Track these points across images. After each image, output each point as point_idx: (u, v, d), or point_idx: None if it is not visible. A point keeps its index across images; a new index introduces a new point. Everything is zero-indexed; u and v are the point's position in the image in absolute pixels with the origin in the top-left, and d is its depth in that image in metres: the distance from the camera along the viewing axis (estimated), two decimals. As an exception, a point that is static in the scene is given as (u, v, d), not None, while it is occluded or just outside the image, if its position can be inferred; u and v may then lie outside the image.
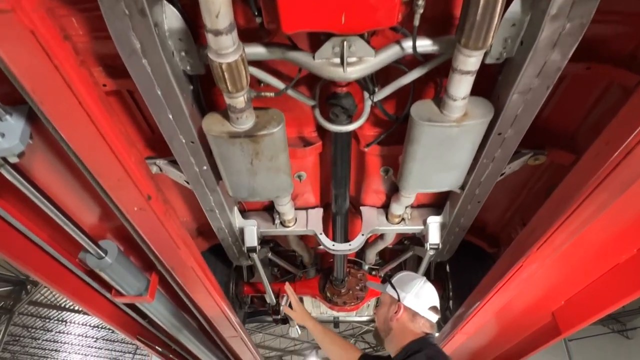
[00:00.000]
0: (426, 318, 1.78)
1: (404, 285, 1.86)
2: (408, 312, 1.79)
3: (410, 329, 1.77)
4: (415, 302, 1.79)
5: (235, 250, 2.46)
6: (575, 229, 1.28)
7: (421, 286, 1.84)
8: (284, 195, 1.81)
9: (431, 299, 1.82)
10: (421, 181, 1.74)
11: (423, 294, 1.82)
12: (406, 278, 1.91)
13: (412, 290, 1.82)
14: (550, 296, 2.23)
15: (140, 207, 1.10)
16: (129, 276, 1.61)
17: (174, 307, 2.10)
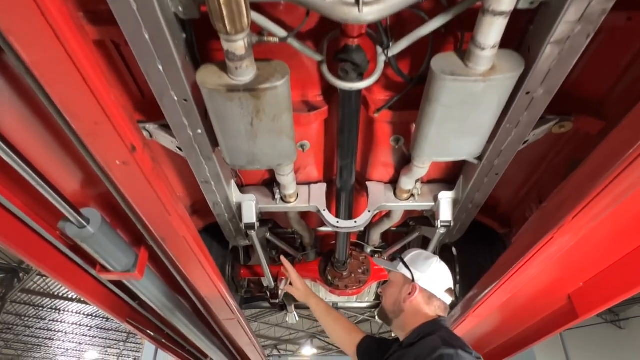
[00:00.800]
0: (442, 300, 1.67)
1: (419, 264, 1.74)
2: (424, 293, 1.67)
3: (423, 312, 1.66)
4: (432, 283, 1.68)
5: (232, 228, 2.30)
6: (618, 194, 1.13)
7: (437, 266, 1.72)
8: (286, 163, 1.65)
9: (447, 280, 1.72)
10: (437, 148, 1.58)
11: (439, 275, 1.70)
12: (420, 257, 1.78)
13: (428, 270, 1.70)
14: (567, 277, 2.10)
15: (123, 160, 0.93)
16: (114, 249, 1.45)
17: (166, 287, 1.94)
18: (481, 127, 1.51)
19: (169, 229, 1.25)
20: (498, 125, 1.55)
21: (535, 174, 2.15)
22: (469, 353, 1.39)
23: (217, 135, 1.53)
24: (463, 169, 2.04)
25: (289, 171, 1.76)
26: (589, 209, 1.17)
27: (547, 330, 2.37)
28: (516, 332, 2.60)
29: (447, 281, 1.71)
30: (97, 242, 1.38)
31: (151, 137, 1.74)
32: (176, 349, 3.08)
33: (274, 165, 1.65)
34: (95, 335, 22.28)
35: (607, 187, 1.10)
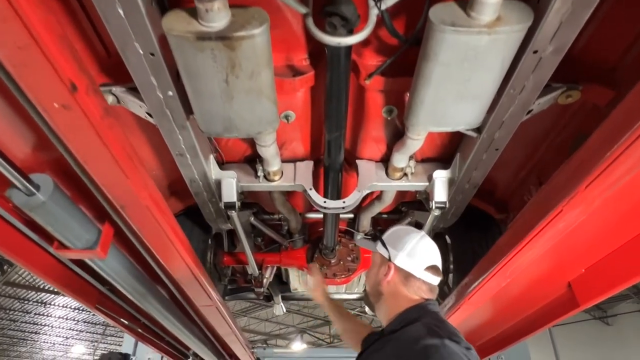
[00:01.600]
0: (422, 280, 1.51)
1: (397, 241, 1.58)
2: (400, 273, 1.53)
3: (403, 294, 1.51)
4: (409, 261, 1.52)
5: (212, 209, 2.14)
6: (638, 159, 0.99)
7: (417, 242, 1.56)
8: (267, 131, 1.50)
9: (429, 257, 1.54)
10: (434, 115, 1.44)
11: (418, 252, 1.54)
12: (399, 233, 1.62)
13: (405, 247, 1.54)
14: (568, 263, 1.97)
15: (62, 102, 0.77)
16: (72, 222, 1.29)
17: (137, 270, 1.78)
18: (483, 90, 1.36)
19: (127, 195, 1.09)
20: (501, 90, 1.40)
21: (537, 153, 2.02)
22: (457, 342, 1.26)
23: (190, 96, 1.37)
24: (460, 146, 1.90)
25: (270, 141, 1.60)
26: (606, 175, 1.03)
27: (545, 320, 2.25)
28: (513, 322, 2.48)
29: (429, 258, 1.54)
30: (49, 212, 1.21)
31: (118, 102, 1.57)
32: (155, 340, 2.92)
33: (253, 133, 1.49)
34: (82, 329, 22.00)
35: (628, 148, 0.96)
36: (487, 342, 2.78)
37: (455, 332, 1.35)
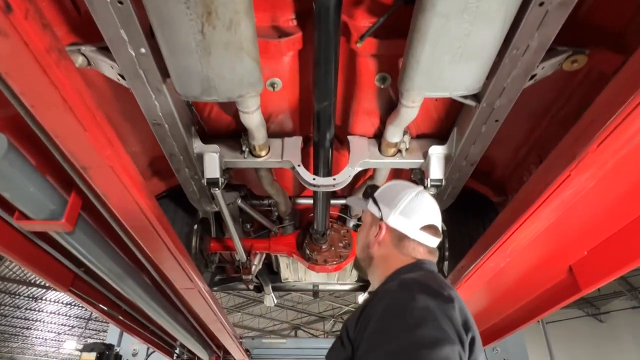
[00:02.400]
0: (418, 242, 1.32)
1: (390, 199, 1.39)
2: (392, 234, 1.35)
3: (396, 257, 1.33)
4: (403, 220, 1.34)
5: (195, 187, 2.02)
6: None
7: (412, 199, 1.36)
8: (250, 94, 1.38)
9: (426, 216, 1.35)
10: (430, 77, 1.32)
11: (414, 210, 1.34)
12: (394, 189, 1.43)
13: (399, 205, 1.35)
14: (570, 245, 1.87)
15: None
16: (31, 188, 1.16)
17: (112, 249, 1.66)
18: (484, 48, 1.25)
19: (87, 152, 0.97)
20: (503, 50, 1.29)
21: (538, 128, 1.91)
22: (434, 295, 1.05)
23: (164, 53, 1.25)
24: (457, 119, 1.80)
25: (253, 107, 1.48)
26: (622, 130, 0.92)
27: (544, 307, 2.15)
28: (510, 310, 2.38)
29: (425, 217, 1.34)
30: (4, 175, 1.09)
31: (88, 63, 1.45)
32: (138, 329, 2.80)
33: (234, 96, 1.37)
34: (74, 324, 21.81)
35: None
36: (486, 330, 2.69)
37: (441, 289, 1.11)
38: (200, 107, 1.78)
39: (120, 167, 1.08)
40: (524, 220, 1.35)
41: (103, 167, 1.03)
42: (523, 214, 1.33)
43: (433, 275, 1.24)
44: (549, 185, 1.17)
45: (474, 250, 1.83)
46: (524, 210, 1.32)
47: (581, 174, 1.09)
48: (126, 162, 1.11)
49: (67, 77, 0.82)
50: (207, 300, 2.06)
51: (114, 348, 3.89)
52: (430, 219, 1.35)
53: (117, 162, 1.05)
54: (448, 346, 0.95)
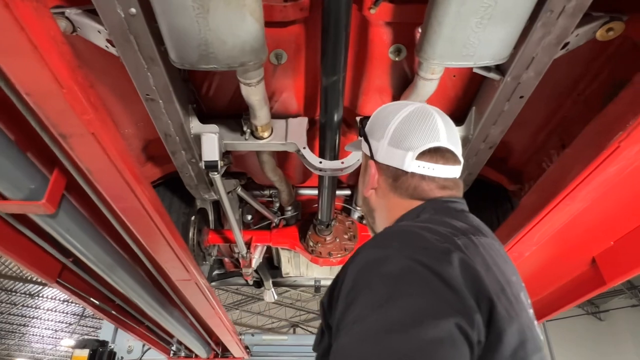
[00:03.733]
0: (419, 175, 0.95)
1: (378, 128, 1.04)
2: (386, 173, 1.01)
3: (396, 202, 0.98)
4: (392, 152, 0.98)
5: (192, 172, 1.88)
6: None
7: (402, 120, 0.99)
8: (252, 63, 1.24)
9: (424, 137, 0.96)
10: (454, 43, 1.19)
11: (405, 133, 0.98)
12: (382, 114, 1.08)
13: (386, 133, 1.00)
14: (595, 234, 1.74)
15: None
16: (6, 163, 1.03)
17: (101, 236, 1.53)
18: (517, 8, 1.11)
19: (65, 116, 0.83)
20: (535, 13, 1.16)
21: (562, 108, 1.78)
22: (424, 249, 0.74)
23: (156, 11, 1.11)
24: (476, 97, 1.66)
25: (256, 77, 1.34)
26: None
27: (564, 301, 2.02)
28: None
29: (422, 139, 0.96)
30: (-27, 146, 0.96)
31: (74, 30, 1.31)
32: (132, 324, 2.67)
33: (236, 64, 1.23)
34: (71, 322, 21.66)
35: None
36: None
37: (435, 232, 0.79)
38: (198, 83, 1.64)
39: (105, 136, 0.94)
40: (559, 201, 1.22)
41: (84, 136, 0.90)
42: (557, 195, 1.20)
43: (440, 218, 0.88)
44: (592, 159, 1.03)
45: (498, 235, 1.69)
46: (559, 190, 1.19)
47: (633, 145, 0.95)
48: (112, 131, 0.98)
49: (40, 20, 0.68)
50: (205, 293, 1.93)
51: (108, 345, 3.76)
52: (432, 140, 0.95)
53: (101, 129, 0.92)
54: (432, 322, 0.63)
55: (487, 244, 0.84)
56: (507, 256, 0.92)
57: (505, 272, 0.81)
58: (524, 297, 0.81)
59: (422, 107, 1.02)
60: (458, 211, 0.94)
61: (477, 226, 0.90)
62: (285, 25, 1.41)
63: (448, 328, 0.63)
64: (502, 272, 0.79)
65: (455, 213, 0.92)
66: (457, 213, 0.92)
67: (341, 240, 2.66)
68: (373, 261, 0.74)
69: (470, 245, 0.79)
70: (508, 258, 0.91)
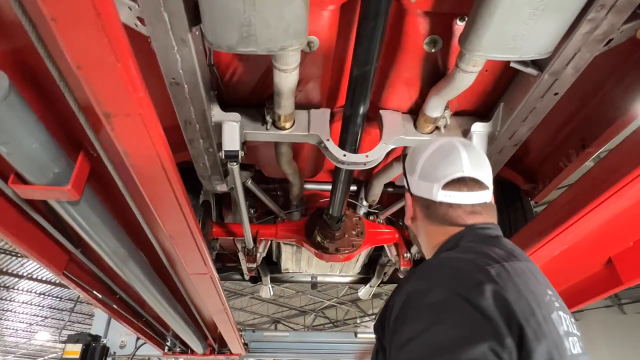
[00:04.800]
0: (446, 203, 1.05)
1: (411, 163, 1.17)
2: (420, 204, 1.12)
3: (432, 230, 1.10)
4: (423, 185, 1.10)
5: (208, 162, 1.82)
6: None
7: (430, 154, 1.11)
8: (292, 47, 1.18)
9: (449, 169, 1.06)
10: (503, 35, 1.15)
11: (432, 166, 1.09)
12: (415, 151, 1.19)
13: (416, 167, 1.13)
14: (614, 234, 1.74)
15: None
16: (33, 142, 0.95)
17: (117, 225, 1.45)
18: (571, 1, 1.09)
19: (116, 93, 0.76)
20: (587, 7, 1.14)
21: (585, 108, 1.78)
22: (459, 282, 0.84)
23: (198, -12, 1.05)
24: (505, 94, 1.64)
25: (294, 64, 1.29)
26: None
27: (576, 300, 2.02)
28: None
29: (446, 170, 1.06)
30: (1, 124, 0.88)
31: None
32: (131, 318, 2.58)
33: (276, 48, 1.18)
34: (47, 315, 21.15)
35: None
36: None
37: (471, 264, 0.90)
38: (223, 69, 1.57)
39: (151, 117, 0.88)
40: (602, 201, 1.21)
41: (131, 116, 0.83)
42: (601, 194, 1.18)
43: (476, 247, 0.97)
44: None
45: (522, 237, 1.68)
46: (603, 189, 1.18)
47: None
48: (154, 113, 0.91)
49: None
50: (217, 287, 1.87)
51: (100, 339, 3.64)
52: (457, 171, 1.05)
53: (149, 109, 0.86)
54: (469, 345, 0.76)
55: (520, 268, 0.93)
56: (540, 273, 1.00)
57: (537, 293, 0.89)
58: (555, 316, 0.89)
59: (447, 142, 1.14)
60: (492, 237, 1.03)
61: (511, 251, 0.99)
62: (321, 10, 1.36)
63: (482, 351, 0.75)
64: (534, 295, 0.88)
65: (490, 239, 1.02)
66: (492, 239, 1.02)
67: (349, 236, 2.62)
68: (418, 292, 0.87)
69: (503, 272, 0.88)
70: (540, 275, 0.99)
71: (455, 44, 1.45)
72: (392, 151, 2.00)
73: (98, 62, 0.70)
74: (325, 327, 21.18)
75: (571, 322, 0.93)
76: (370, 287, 3.90)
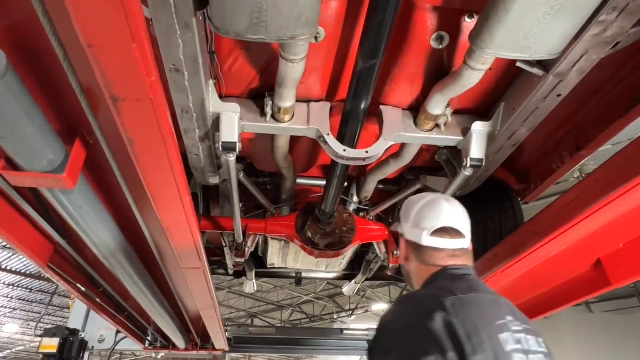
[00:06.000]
0: (434, 248, 1.34)
1: (405, 213, 1.46)
2: (412, 247, 1.40)
3: (421, 268, 1.37)
4: (414, 231, 1.38)
5: (202, 154, 1.76)
6: None
7: (421, 207, 1.40)
8: (303, 36, 1.14)
9: (436, 220, 1.36)
10: (516, 33, 1.14)
11: (423, 217, 1.38)
12: (409, 203, 1.47)
13: (410, 216, 1.41)
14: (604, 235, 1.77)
15: None
16: (28, 125, 0.89)
17: (109, 216, 1.39)
18: (586, 2, 1.09)
19: (129, 75, 0.71)
20: (598, 9, 1.14)
21: (582, 110, 1.80)
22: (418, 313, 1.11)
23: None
24: (507, 93, 1.64)
25: (302, 54, 1.25)
26: None
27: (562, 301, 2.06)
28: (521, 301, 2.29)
29: (434, 221, 1.35)
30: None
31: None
32: (112, 311, 2.50)
33: (286, 36, 1.13)
34: (16, 307, 20.51)
35: None
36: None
37: (432, 298, 1.15)
38: (223, 57, 1.52)
39: (161, 103, 0.83)
40: (607, 202, 1.21)
41: (141, 100, 0.78)
42: (608, 194, 1.19)
43: (442, 284, 1.24)
44: None
45: (518, 238, 1.68)
46: (609, 190, 1.18)
47: None
48: (164, 98, 0.86)
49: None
50: (209, 283, 1.82)
51: (78, 333, 3.52)
52: (442, 222, 1.34)
53: (160, 94, 0.81)
54: (421, 357, 1.01)
55: (476, 299, 1.16)
56: (501, 303, 1.21)
57: (487, 318, 1.10)
58: (506, 335, 1.08)
59: (435, 197, 1.42)
60: (460, 275, 1.29)
61: (473, 285, 1.23)
62: (328, 0, 1.32)
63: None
64: (482, 319, 1.09)
65: (458, 277, 1.27)
66: (460, 277, 1.28)
67: (340, 233, 2.60)
68: (389, 322, 1.18)
69: (457, 302, 1.10)
70: (502, 305, 1.20)
71: (462, 41, 1.44)
72: (390, 148, 1.99)
73: (113, 40, 0.65)
74: (302, 322, 21.20)
75: (536, 341, 1.14)
76: (355, 283, 3.90)
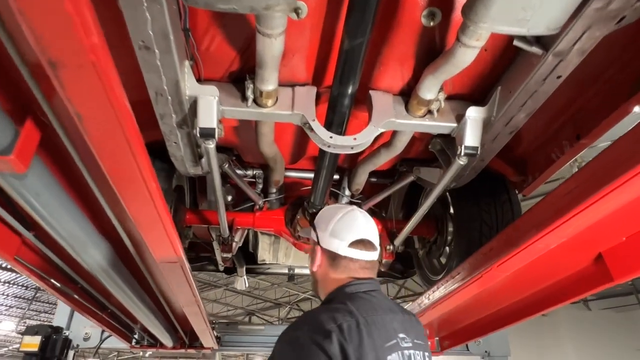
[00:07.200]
0: (349, 258, 1.36)
1: (323, 222, 1.45)
2: (327, 255, 1.40)
3: (332, 277, 1.39)
4: (332, 240, 1.39)
5: (181, 141, 1.67)
6: None
7: (340, 218, 1.42)
8: (279, 8, 1.04)
9: (353, 232, 1.39)
10: (514, 3, 1.04)
11: (342, 228, 1.40)
12: (327, 213, 1.48)
13: (330, 225, 1.41)
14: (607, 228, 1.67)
15: None
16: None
17: (75, 207, 1.29)
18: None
19: (64, 36, 0.61)
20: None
21: (582, 96, 1.70)
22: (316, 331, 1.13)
23: None
24: (504, 76, 1.55)
25: (279, 28, 1.15)
26: None
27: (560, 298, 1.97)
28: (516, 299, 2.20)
29: (352, 233, 1.38)
30: None
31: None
32: (95, 309, 2.41)
33: (260, 7, 1.04)
34: (12, 304, 20.41)
35: None
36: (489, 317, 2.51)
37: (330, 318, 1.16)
38: (199, 36, 1.42)
39: (108, 70, 0.73)
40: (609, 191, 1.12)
41: (83, 67, 0.68)
42: (610, 183, 1.10)
43: (343, 304, 1.25)
44: None
45: (514, 231, 1.59)
46: (612, 178, 1.09)
47: None
48: (113, 67, 0.76)
49: None
50: (189, 278, 1.72)
51: (62, 331, 3.43)
52: (359, 235, 1.38)
53: (104, 60, 0.71)
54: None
55: (372, 321, 1.20)
56: (397, 316, 1.30)
57: (378, 341, 1.17)
58: (395, 356, 1.18)
59: (351, 209, 1.45)
60: (362, 293, 1.32)
61: (372, 305, 1.27)
62: (310, -27, 1.22)
63: None
64: (373, 342, 1.15)
65: (360, 294, 1.31)
66: (362, 294, 1.31)
67: (331, 226, 2.50)
68: (290, 338, 1.19)
69: (353, 326, 1.15)
70: (398, 318, 1.29)
71: (455, 17, 1.35)
72: (380, 136, 1.89)
73: None
74: (300, 320, 21.11)
75: (422, 356, 1.26)
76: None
